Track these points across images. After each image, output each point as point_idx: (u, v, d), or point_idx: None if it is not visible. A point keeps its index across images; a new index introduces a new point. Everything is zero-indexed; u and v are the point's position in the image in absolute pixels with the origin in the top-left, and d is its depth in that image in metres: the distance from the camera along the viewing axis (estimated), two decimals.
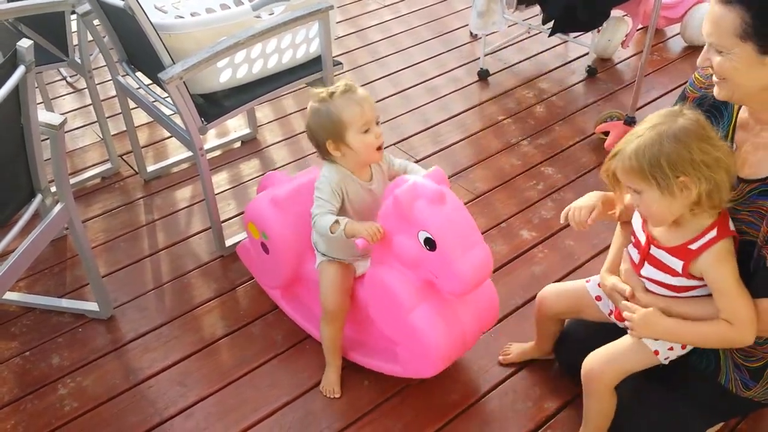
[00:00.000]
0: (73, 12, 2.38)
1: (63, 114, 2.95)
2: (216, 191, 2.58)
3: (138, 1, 1.95)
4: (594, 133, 2.99)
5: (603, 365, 1.64)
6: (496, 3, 3.27)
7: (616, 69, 3.54)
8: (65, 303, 2.27)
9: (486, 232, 2.53)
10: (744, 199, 1.45)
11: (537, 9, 3.34)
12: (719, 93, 1.43)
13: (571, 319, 1.94)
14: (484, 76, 3.46)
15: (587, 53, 3.54)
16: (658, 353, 1.59)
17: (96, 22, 2.39)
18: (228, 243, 2.46)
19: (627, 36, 3.38)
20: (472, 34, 3.80)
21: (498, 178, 2.81)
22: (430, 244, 1.65)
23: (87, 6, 2.31)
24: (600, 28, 3.32)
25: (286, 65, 2.32)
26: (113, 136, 2.88)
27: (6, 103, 1.62)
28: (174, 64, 2.02)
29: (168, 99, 2.18)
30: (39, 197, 1.96)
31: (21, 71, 1.66)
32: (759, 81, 1.36)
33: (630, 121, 2.87)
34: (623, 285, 1.61)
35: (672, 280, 1.51)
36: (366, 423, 1.91)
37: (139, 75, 2.41)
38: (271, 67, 2.28)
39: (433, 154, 2.95)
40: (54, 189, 1.98)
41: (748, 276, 1.44)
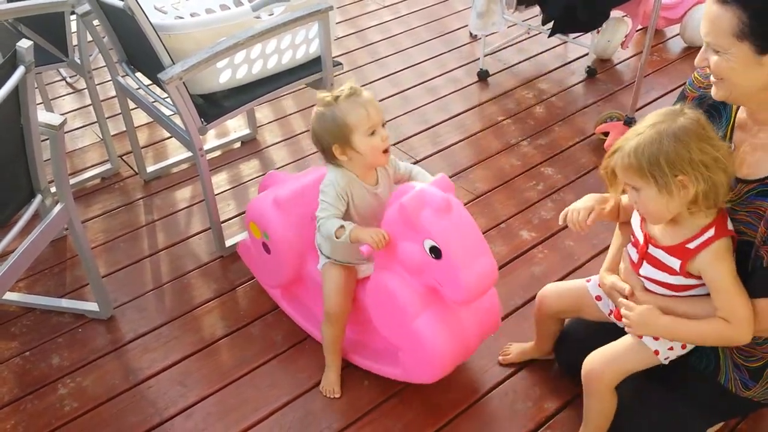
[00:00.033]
0: (73, 12, 2.38)
1: (63, 114, 2.96)
2: (216, 192, 2.58)
3: (138, 2, 1.95)
4: (594, 134, 2.99)
5: (603, 365, 1.64)
6: (495, 3, 3.27)
7: (615, 69, 3.54)
8: (65, 303, 2.27)
9: (486, 232, 2.53)
10: (742, 200, 1.45)
11: (537, 9, 3.35)
12: (716, 93, 1.43)
13: (571, 319, 1.94)
14: (483, 76, 3.47)
15: (587, 54, 3.54)
16: (658, 353, 1.59)
17: (96, 22, 2.39)
18: (228, 243, 2.46)
19: (627, 37, 3.38)
20: (471, 34, 3.80)
21: (498, 178, 2.82)
22: (435, 252, 1.64)
23: (87, 6, 2.31)
24: (600, 28, 3.32)
25: (285, 66, 2.32)
26: (113, 136, 2.88)
27: (6, 104, 1.62)
28: (174, 64, 2.03)
29: (168, 99, 2.18)
30: (39, 198, 1.96)
31: (21, 72, 1.66)
32: (756, 81, 1.36)
33: (630, 122, 2.87)
34: (622, 284, 1.61)
35: (670, 279, 1.51)
36: (366, 423, 1.91)
37: (139, 75, 2.41)
38: (271, 68, 2.28)
39: (433, 154, 2.95)
40: (54, 189, 1.99)
41: (746, 276, 1.44)
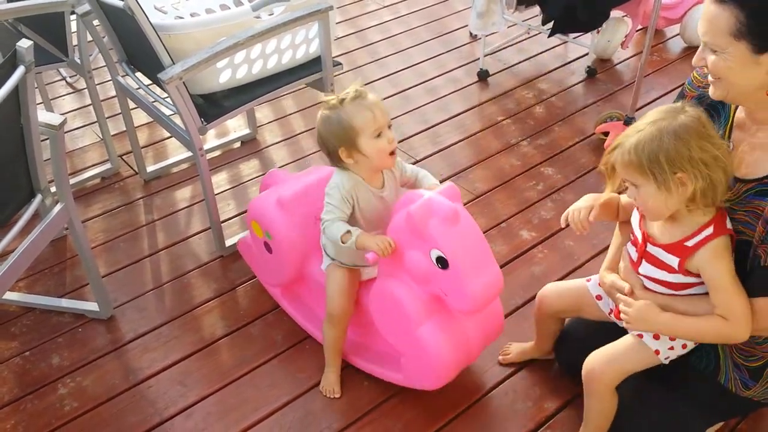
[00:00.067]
0: (73, 12, 2.38)
1: (63, 114, 2.95)
2: (216, 191, 2.58)
3: (137, 2, 1.95)
4: (594, 134, 2.99)
5: (604, 365, 1.64)
6: (495, 3, 3.27)
7: (615, 69, 3.54)
8: (65, 303, 2.27)
9: (486, 232, 2.53)
10: (740, 199, 1.45)
11: (537, 9, 3.35)
12: (714, 92, 1.43)
13: (571, 319, 1.94)
14: (483, 76, 3.47)
15: (587, 54, 3.54)
16: (659, 353, 1.59)
17: (96, 22, 2.39)
18: (228, 243, 2.46)
19: (626, 37, 3.38)
20: (471, 34, 3.80)
21: (498, 178, 2.82)
22: (442, 262, 1.64)
23: (87, 6, 2.31)
24: (600, 28, 3.32)
25: (285, 66, 2.32)
26: (113, 136, 2.88)
27: (6, 104, 1.62)
28: (174, 64, 2.03)
29: (168, 99, 2.18)
30: (39, 197, 1.96)
31: (21, 71, 1.66)
32: (753, 80, 1.36)
33: (630, 122, 2.87)
34: (622, 282, 1.61)
35: (669, 277, 1.51)
36: (366, 423, 1.91)
37: (139, 75, 2.41)
38: (271, 68, 2.28)
39: (433, 154, 2.95)
40: (54, 189, 1.98)
41: (744, 276, 1.44)
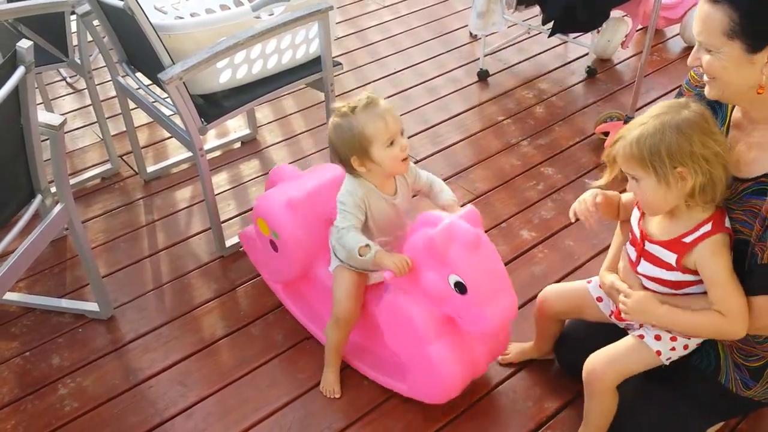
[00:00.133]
0: (73, 12, 2.38)
1: (63, 114, 2.95)
2: (216, 192, 2.58)
3: (138, 2, 1.95)
4: (594, 134, 2.99)
5: (604, 366, 1.64)
6: (495, 3, 3.27)
7: (615, 69, 3.54)
8: (65, 303, 2.27)
9: (486, 232, 2.52)
10: (738, 198, 1.45)
11: (537, 9, 3.35)
12: (709, 92, 1.43)
13: (572, 319, 1.94)
14: (483, 76, 3.47)
15: (587, 54, 3.54)
16: (660, 354, 1.59)
17: (96, 22, 2.39)
18: (228, 243, 2.46)
19: (626, 36, 3.38)
20: (471, 34, 3.80)
21: (498, 178, 2.82)
22: (460, 287, 1.63)
23: (87, 6, 2.31)
24: (600, 28, 3.32)
25: (285, 66, 2.32)
26: (113, 136, 2.88)
27: (6, 104, 1.62)
28: (174, 64, 2.03)
29: (168, 99, 2.18)
30: (39, 198, 1.96)
31: (21, 72, 1.66)
32: (748, 80, 1.36)
33: (630, 122, 2.86)
34: (621, 283, 1.61)
35: (667, 275, 1.51)
36: (366, 423, 1.91)
37: (139, 75, 2.41)
38: (271, 68, 2.28)
39: (434, 154, 2.95)
40: (54, 189, 1.98)
41: (743, 275, 1.44)
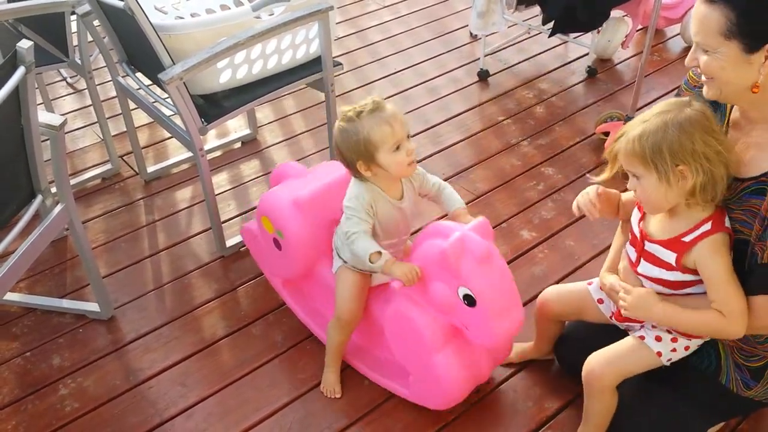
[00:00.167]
0: (73, 13, 2.38)
1: (63, 115, 2.95)
2: (216, 192, 2.58)
3: (138, 2, 1.95)
4: (594, 134, 2.99)
5: (604, 366, 1.64)
6: (496, 3, 3.27)
7: (616, 69, 3.54)
8: (66, 303, 2.27)
9: None
10: (737, 198, 1.45)
11: (537, 9, 3.35)
12: (707, 92, 1.43)
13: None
14: (484, 76, 3.46)
15: (587, 54, 3.54)
16: (660, 355, 1.60)
17: (96, 22, 2.40)
18: (228, 243, 2.46)
19: (627, 36, 3.38)
20: (472, 34, 3.80)
21: (498, 178, 2.82)
22: (469, 300, 1.63)
23: (87, 7, 2.31)
24: (600, 28, 3.32)
25: (286, 66, 2.32)
26: (113, 136, 2.88)
27: (6, 104, 1.62)
28: (174, 64, 2.03)
29: (168, 100, 2.18)
30: (39, 198, 1.96)
31: (21, 72, 1.66)
32: (745, 79, 1.36)
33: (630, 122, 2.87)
34: (622, 283, 1.61)
35: (667, 275, 1.50)
36: (366, 423, 1.91)
37: (139, 76, 2.41)
38: (271, 68, 2.28)
39: (434, 154, 2.95)
40: (54, 190, 1.99)
41: (743, 276, 1.44)
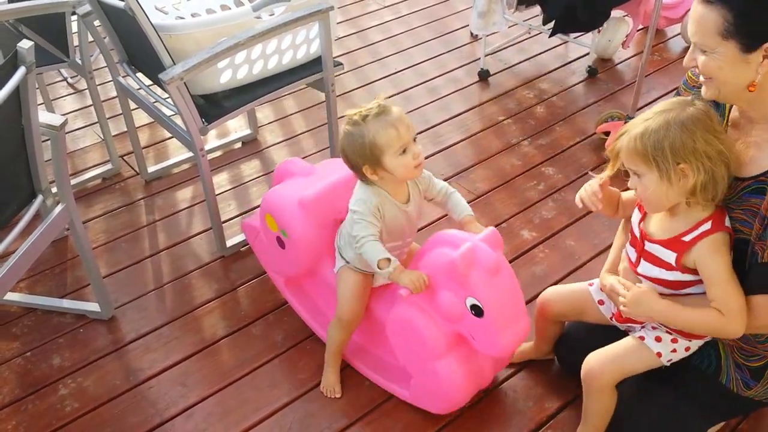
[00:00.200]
0: (74, 13, 2.38)
1: (64, 115, 2.95)
2: (217, 192, 2.58)
3: (138, 2, 1.96)
4: (595, 134, 2.99)
5: (603, 366, 1.64)
6: (496, 3, 3.27)
7: (616, 69, 3.54)
8: (66, 303, 2.27)
9: None
10: (737, 198, 1.45)
11: (537, 9, 3.34)
12: (706, 92, 1.43)
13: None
14: (484, 76, 3.46)
15: (588, 54, 3.54)
16: (660, 355, 1.60)
17: (96, 23, 2.39)
18: (229, 243, 2.46)
19: (627, 36, 3.38)
20: (472, 34, 3.80)
21: (499, 178, 2.82)
22: (476, 310, 1.63)
23: (87, 7, 2.31)
24: (600, 28, 3.32)
25: (286, 66, 2.32)
26: (114, 136, 2.88)
27: (7, 104, 1.62)
28: (174, 64, 2.03)
29: (168, 100, 2.18)
30: (40, 198, 1.96)
31: (21, 72, 1.66)
32: (744, 79, 1.36)
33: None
34: (622, 282, 1.61)
35: (667, 274, 1.51)
36: (366, 423, 1.91)
37: (140, 76, 2.41)
38: (272, 68, 2.28)
39: (434, 154, 2.95)
40: (55, 190, 1.99)
41: (743, 275, 1.44)
